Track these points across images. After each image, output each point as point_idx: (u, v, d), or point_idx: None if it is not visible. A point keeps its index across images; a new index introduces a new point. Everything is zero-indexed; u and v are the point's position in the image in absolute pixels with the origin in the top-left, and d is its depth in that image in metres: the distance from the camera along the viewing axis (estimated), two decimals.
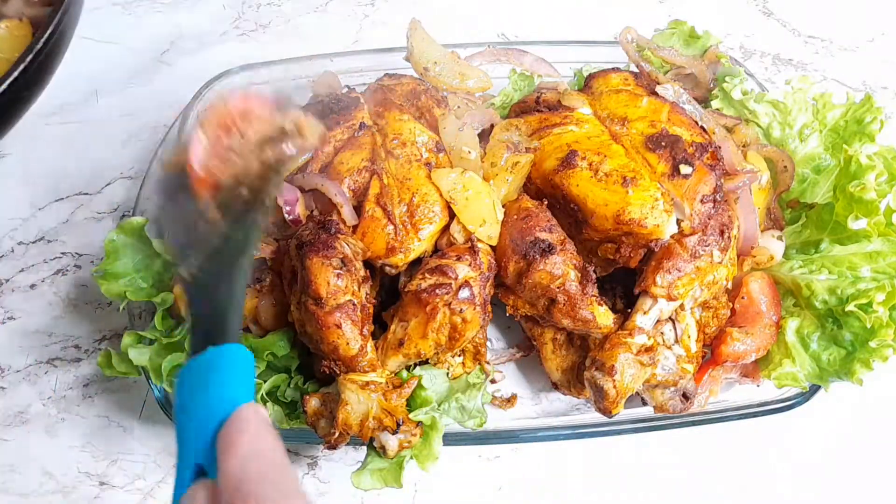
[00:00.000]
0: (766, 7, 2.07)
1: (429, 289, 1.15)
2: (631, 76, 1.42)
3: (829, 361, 1.23)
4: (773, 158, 1.38)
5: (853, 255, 1.27)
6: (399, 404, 1.14)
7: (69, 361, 1.43)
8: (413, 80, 1.42)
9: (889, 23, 2.04)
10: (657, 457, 1.37)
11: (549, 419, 1.30)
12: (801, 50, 1.99)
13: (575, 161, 1.24)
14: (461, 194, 1.22)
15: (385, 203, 1.21)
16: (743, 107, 1.45)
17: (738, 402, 1.29)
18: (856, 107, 1.37)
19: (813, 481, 1.37)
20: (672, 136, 1.25)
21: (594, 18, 1.99)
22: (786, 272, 1.32)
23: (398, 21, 1.50)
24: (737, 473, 1.37)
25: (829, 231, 1.29)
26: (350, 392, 1.11)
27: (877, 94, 1.90)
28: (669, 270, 1.17)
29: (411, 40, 1.46)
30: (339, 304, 1.11)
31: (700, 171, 1.21)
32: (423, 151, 1.28)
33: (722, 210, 1.22)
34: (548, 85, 1.48)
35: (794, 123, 1.42)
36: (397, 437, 1.13)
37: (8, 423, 1.36)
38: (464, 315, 1.16)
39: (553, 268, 1.18)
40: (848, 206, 1.24)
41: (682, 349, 1.19)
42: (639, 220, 1.17)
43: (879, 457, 1.40)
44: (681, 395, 1.19)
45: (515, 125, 1.32)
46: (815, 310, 1.26)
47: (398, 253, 1.20)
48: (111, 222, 1.58)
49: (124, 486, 1.32)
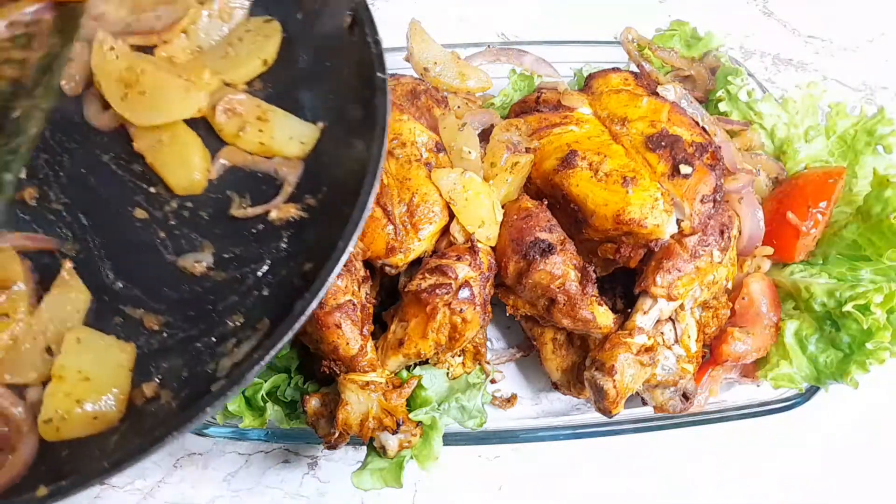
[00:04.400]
0: (766, 7, 2.07)
1: (429, 289, 1.15)
2: (631, 76, 1.42)
3: (826, 363, 1.24)
4: (766, 169, 1.38)
5: (854, 261, 1.28)
6: (399, 404, 1.14)
7: None
8: (413, 80, 1.42)
9: (889, 23, 2.04)
10: (657, 456, 1.37)
11: (549, 419, 1.31)
12: (801, 50, 1.99)
13: (575, 161, 1.24)
14: (461, 195, 1.22)
15: (385, 203, 1.21)
16: (749, 108, 1.45)
17: (738, 402, 1.29)
18: (868, 118, 1.38)
19: (813, 481, 1.37)
20: (672, 136, 1.25)
21: (594, 18, 1.99)
22: (786, 275, 1.32)
23: (398, 21, 1.50)
24: (737, 473, 1.37)
25: (846, 247, 1.30)
26: (350, 392, 1.11)
27: (877, 94, 1.90)
28: (669, 270, 1.17)
29: (411, 40, 1.46)
30: (339, 304, 1.11)
31: (700, 171, 1.21)
32: (423, 151, 1.28)
33: (722, 210, 1.22)
34: (548, 85, 1.48)
35: (800, 125, 1.43)
36: (397, 437, 1.13)
37: None
38: (464, 315, 1.16)
39: (553, 268, 1.18)
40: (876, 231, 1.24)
41: (682, 349, 1.19)
42: (639, 220, 1.17)
43: (879, 457, 1.40)
44: (681, 395, 1.19)
45: (515, 125, 1.32)
46: (814, 312, 1.27)
47: (398, 253, 1.20)
48: None
49: (124, 486, 1.32)
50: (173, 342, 0.98)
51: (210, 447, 1.36)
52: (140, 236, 1.06)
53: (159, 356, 0.97)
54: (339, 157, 1.07)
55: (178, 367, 0.93)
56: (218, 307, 1.00)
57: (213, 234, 1.06)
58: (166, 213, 1.08)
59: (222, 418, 1.21)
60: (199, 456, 1.35)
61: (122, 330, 0.98)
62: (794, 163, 1.41)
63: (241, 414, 1.19)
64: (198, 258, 1.04)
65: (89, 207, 1.07)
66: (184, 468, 1.34)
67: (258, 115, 1.12)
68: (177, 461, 1.35)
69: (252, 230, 1.07)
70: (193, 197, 1.09)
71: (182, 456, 1.35)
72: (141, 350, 0.97)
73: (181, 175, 1.08)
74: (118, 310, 1.00)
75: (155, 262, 1.04)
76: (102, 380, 0.92)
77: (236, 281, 1.02)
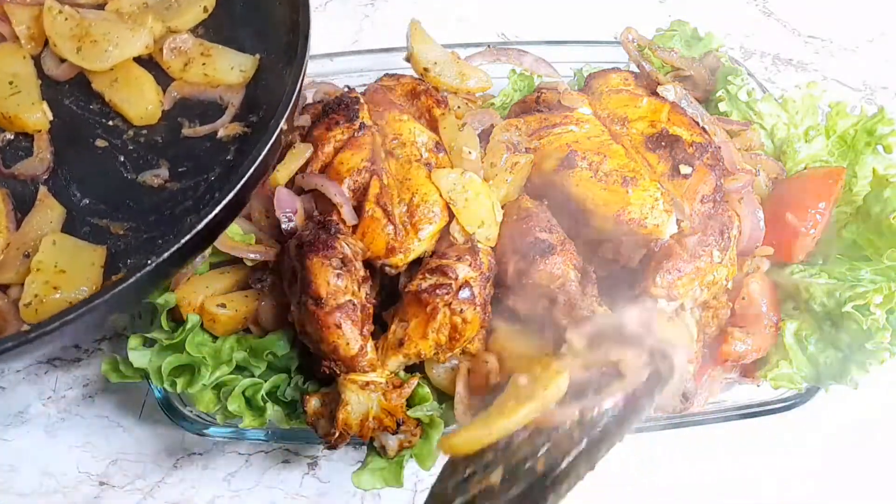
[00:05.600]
0: (766, 7, 2.07)
1: (429, 289, 1.15)
2: (631, 76, 1.43)
3: (826, 364, 1.24)
4: (766, 169, 1.38)
5: (854, 261, 1.28)
6: (399, 404, 1.14)
7: (69, 361, 1.43)
8: (413, 80, 1.42)
9: (889, 23, 2.04)
10: (657, 456, 1.37)
11: None
12: (801, 50, 1.99)
13: (575, 161, 1.24)
14: (461, 195, 1.22)
15: (385, 203, 1.21)
16: (749, 108, 1.45)
17: (738, 402, 1.29)
18: (868, 118, 1.37)
19: (813, 481, 1.37)
20: (672, 136, 1.25)
21: (594, 18, 1.99)
22: (786, 276, 1.32)
23: (398, 21, 1.50)
24: (737, 473, 1.37)
25: (846, 247, 1.30)
26: (350, 392, 1.11)
27: (877, 94, 1.91)
28: (669, 270, 1.17)
29: (411, 40, 1.46)
30: (339, 304, 1.11)
31: (700, 171, 1.21)
32: (423, 151, 1.28)
33: (722, 210, 1.22)
34: (548, 85, 1.48)
35: (799, 125, 1.42)
36: (397, 437, 1.13)
37: (8, 423, 1.36)
38: (464, 315, 1.16)
39: (553, 268, 1.18)
40: (876, 231, 1.24)
41: None
42: (639, 220, 1.17)
43: (879, 457, 1.40)
44: (681, 395, 1.19)
45: (515, 125, 1.32)
46: (814, 313, 1.26)
47: (398, 253, 1.20)
48: None
49: (124, 486, 1.32)
50: (138, 243, 1.15)
51: (210, 447, 1.36)
52: (102, 161, 1.23)
53: (126, 254, 1.14)
54: (275, 79, 1.23)
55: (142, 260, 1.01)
56: (176, 211, 1.17)
57: (168, 153, 1.25)
58: (125, 140, 1.26)
59: (222, 418, 1.21)
60: (199, 456, 1.35)
61: (91, 237, 1.15)
62: (793, 163, 1.41)
63: (241, 414, 1.19)
64: (155, 173, 1.21)
65: (56, 143, 1.23)
66: (184, 468, 1.34)
67: (201, 51, 1.31)
68: (177, 461, 1.35)
69: (203, 147, 1.26)
70: (149, 126, 1.27)
71: (182, 456, 1.35)
72: (110, 251, 1.12)
73: (138, 107, 1.26)
74: (87, 221, 1.17)
75: (117, 181, 1.21)
76: (76, 273, 1.07)
77: (191, 188, 1.20)
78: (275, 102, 1.12)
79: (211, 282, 1.24)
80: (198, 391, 1.18)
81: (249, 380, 1.20)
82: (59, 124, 1.24)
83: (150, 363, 1.18)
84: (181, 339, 1.18)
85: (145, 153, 1.24)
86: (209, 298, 1.21)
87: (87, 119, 1.27)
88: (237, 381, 1.19)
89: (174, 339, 1.18)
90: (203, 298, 1.21)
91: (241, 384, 1.19)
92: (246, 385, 1.19)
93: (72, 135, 1.25)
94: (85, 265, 1.09)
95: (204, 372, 1.18)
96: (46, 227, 1.13)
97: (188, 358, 1.18)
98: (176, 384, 1.17)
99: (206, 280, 1.25)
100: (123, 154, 1.24)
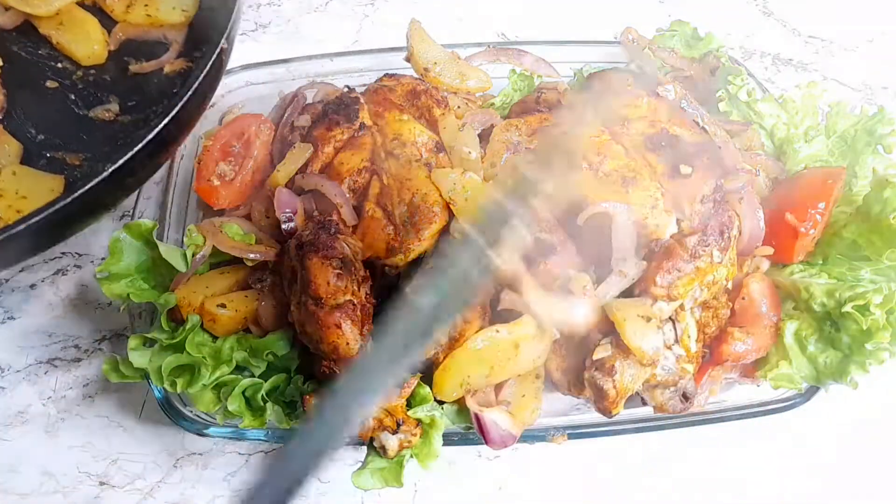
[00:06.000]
0: (766, 7, 2.08)
1: None
2: (631, 76, 1.42)
3: (825, 364, 1.23)
4: (766, 169, 1.38)
5: (854, 261, 1.27)
6: (399, 404, 1.14)
7: (69, 361, 1.43)
8: (413, 80, 1.42)
9: (889, 23, 2.04)
10: (657, 456, 1.37)
11: (548, 419, 1.30)
12: (801, 50, 1.99)
13: (575, 161, 1.23)
14: (461, 195, 1.22)
15: (385, 203, 1.21)
16: (749, 108, 1.45)
17: (738, 402, 1.29)
18: (868, 118, 1.37)
19: (813, 481, 1.37)
20: (672, 136, 1.25)
21: (594, 18, 1.99)
22: (786, 276, 1.32)
23: (398, 21, 1.50)
24: (736, 473, 1.37)
25: (846, 247, 1.29)
26: None
27: (877, 94, 1.91)
28: (669, 270, 1.17)
29: (411, 40, 1.46)
30: (339, 304, 1.11)
31: (700, 172, 1.21)
32: (423, 151, 1.28)
33: (722, 210, 1.22)
34: (548, 85, 1.48)
35: (799, 125, 1.42)
36: (397, 436, 1.13)
37: (8, 423, 1.36)
38: (464, 315, 1.15)
39: (553, 268, 1.18)
40: (876, 231, 1.24)
41: (682, 349, 1.19)
42: (639, 220, 1.17)
43: (879, 457, 1.40)
44: (681, 395, 1.19)
45: (515, 125, 1.32)
46: (814, 312, 1.26)
47: (398, 253, 1.20)
48: (111, 222, 1.58)
49: (124, 486, 1.32)
50: (94, 171, 1.16)
51: (210, 447, 1.36)
52: (54, 100, 1.35)
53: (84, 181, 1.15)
54: (217, 17, 1.30)
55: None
56: (128, 140, 1.19)
57: (118, 89, 1.37)
58: (74, 80, 1.38)
59: (222, 418, 1.21)
60: (199, 456, 1.35)
61: (49, 168, 1.26)
62: (793, 163, 1.41)
63: (241, 414, 1.19)
64: (106, 108, 1.34)
65: (8, 87, 1.34)
66: (184, 468, 1.34)
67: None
68: (177, 461, 1.35)
69: (151, 82, 1.38)
70: (97, 66, 1.40)
71: (182, 456, 1.35)
72: (68, 180, 1.23)
73: (85, 48, 1.38)
74: (43, 155, 1.29)
75: (70, 117, 1.33)
76: (38, 198, 1.17)
77: (141, 120, 1.33)
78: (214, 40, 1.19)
79: (211, 282, 1.24)
80: (198, 391, 1.18)
81: (249, 380, 1.20)
82: (9, 69, 1.35)
83: (150, 363, 1.18)
84: (181, 339, 1.18)
85: (95, 91, 1.36)
86: (209, 298, 1.21)
87: (36, 62, 1.39)
88: (237, 381, 1.19)
89: (174, 339, 1.18)
90: (203, 298, 1.21)
91: (241, 384, 1.19)
92: (246, 385, 1.19)
93: (23, 78, 1.36)
94: (45, 191, 1.19)
95: (204, 372, 1.17)
96: (5, 161, 1.25)
97: (188, 358, 1.18)
98: (176, 384, 1.17)
99: (206, 280, 1.25)
100: (74, 93, 1.36)
